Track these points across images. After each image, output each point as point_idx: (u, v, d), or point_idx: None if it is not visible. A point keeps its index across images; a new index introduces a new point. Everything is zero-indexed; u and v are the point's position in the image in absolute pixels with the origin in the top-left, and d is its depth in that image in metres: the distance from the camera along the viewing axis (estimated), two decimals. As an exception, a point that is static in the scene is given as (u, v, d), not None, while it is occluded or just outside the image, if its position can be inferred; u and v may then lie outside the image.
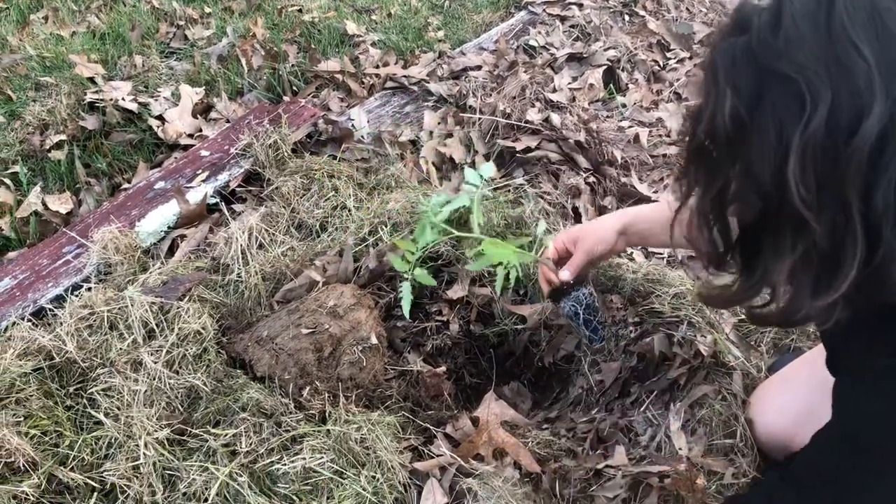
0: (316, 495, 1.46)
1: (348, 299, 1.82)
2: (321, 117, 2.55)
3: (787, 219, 0.86)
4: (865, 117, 0.78)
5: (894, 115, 0.78)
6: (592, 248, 1.66)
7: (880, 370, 0.99)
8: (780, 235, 0.89)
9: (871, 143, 0.79)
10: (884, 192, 0.81)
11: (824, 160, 0.81)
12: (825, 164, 0.81)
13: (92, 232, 2.12)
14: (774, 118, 0.83)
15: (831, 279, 0.87)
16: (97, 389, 1.65)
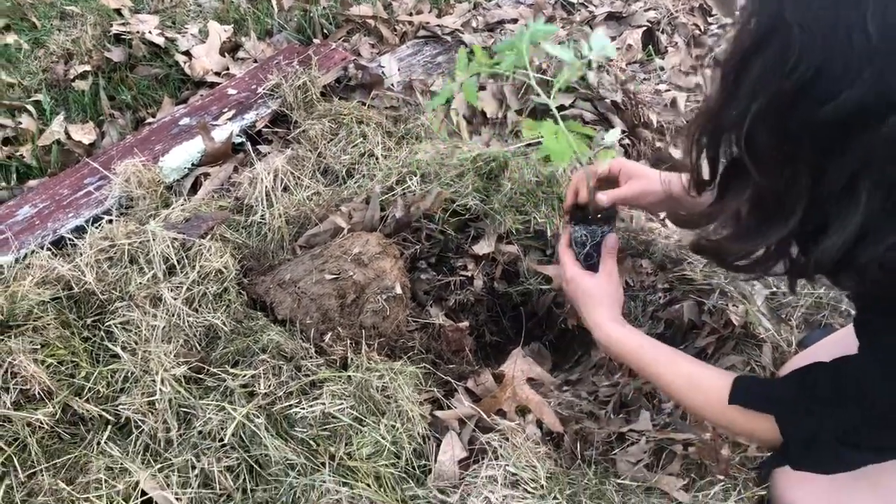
0: (334, 441, 1.44)
1: (373, 247, 1.77)
2: (352, 62, 2.49)
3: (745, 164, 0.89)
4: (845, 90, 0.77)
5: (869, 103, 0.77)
6: (642, 193, 1.58)
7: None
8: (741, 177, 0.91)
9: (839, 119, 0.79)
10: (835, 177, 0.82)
11: (786, 118, 0.82)
12: (786, 123, 0.83)
13: (115, 164, 2.09)
14: (764, 60, 0.83)
15: (763, 231, 0.91)
16: (115, 322, 1.63)
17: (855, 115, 0.78)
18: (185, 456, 1.47)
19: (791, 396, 1.18)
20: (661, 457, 1.51)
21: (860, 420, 1.08)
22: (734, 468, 1.50)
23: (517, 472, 1.37)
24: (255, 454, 1.46)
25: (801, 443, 1.18)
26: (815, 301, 1.86)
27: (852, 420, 1.09)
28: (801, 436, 1.18)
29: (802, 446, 1.18)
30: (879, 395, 1.05)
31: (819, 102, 0.79)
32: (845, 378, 1.10)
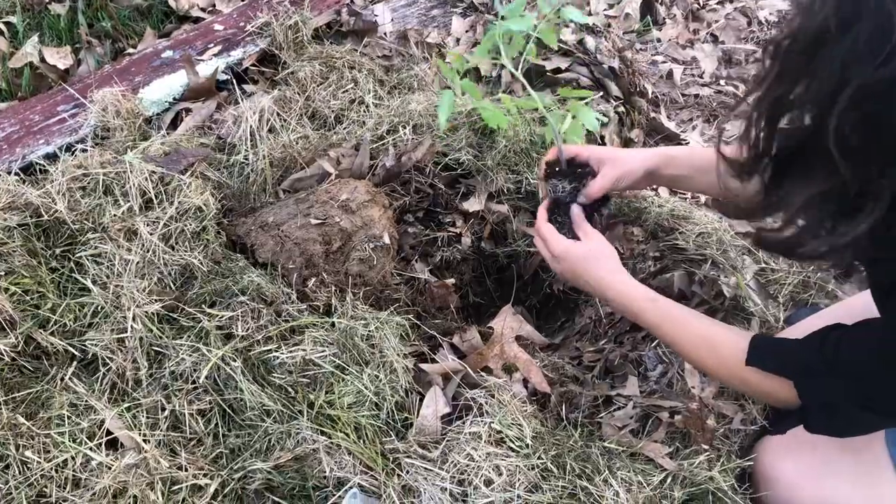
0: (313, 389, 1.38)
1: (362, 195, 1.71)
2: (345, 6, 2.40)
3: (826, 151, 0.82)
4: None
5: None
6: (618, 178, 1.56)
7: None
8: (814, 164, 0.86)
9: None
10: None
11: (879, 110, 0.77)
12: (878, 115, 0.78)
13: (91, 93, 1.98)
14: (853, 45, 0.77)
15: (843, 225, 0.86)
16: (86, 254, 1.55)
17: None
18: (154, 397, 1.41)
19: (810, 360, 1.16)
20: (647, 423, 1.48)
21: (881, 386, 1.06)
22: (718, 439, 1.48)
23: (502, 430, 1.33)
24: (229, 398, 1.40)
25: (821, 408, 1.18)
26: (802, 280, 1.84)
27: (873, 386, 1.07)
28: (821, 401, 1.17)
29: (822, 412, 1.17)
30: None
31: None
32: (866, 343, 1.08)
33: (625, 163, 1.56)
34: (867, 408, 1.10)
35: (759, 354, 1.22)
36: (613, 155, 1.59)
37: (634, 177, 1.57)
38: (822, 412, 1.18)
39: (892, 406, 1.09)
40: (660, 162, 1.57)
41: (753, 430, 1.54)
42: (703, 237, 1.84)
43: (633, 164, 1.56)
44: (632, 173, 1.56)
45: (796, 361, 1.19)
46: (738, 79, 2.68)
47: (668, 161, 1.58)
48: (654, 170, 1.58)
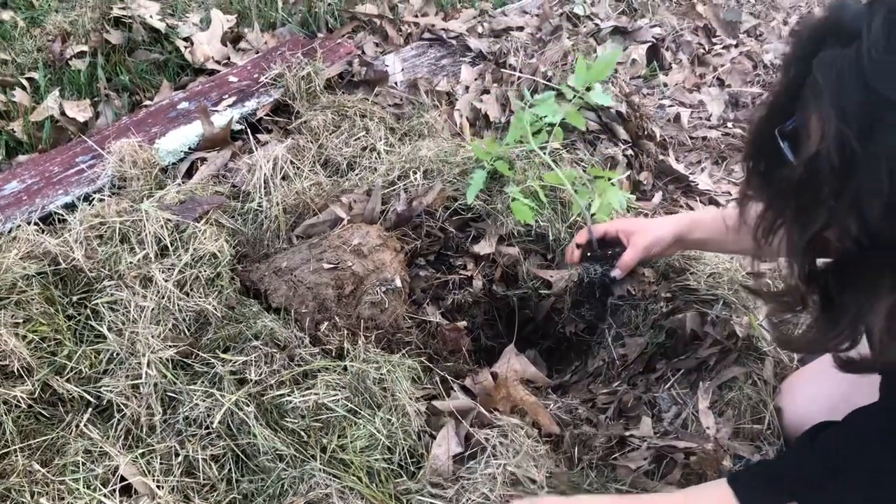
0: (326, 433, 1.38)
1: (374, 239, 1.73)
2: (357, 56, 2.45)
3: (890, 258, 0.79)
4: None
5: None
6: (649, 247, 1.62)
7: None
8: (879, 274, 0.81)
9: None
10: None
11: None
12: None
13: (109, 144, 2.03)
14: (888, 150, 0.74)
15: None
16: (102, 301, 1.57)
17: None
18: (168, 442, 1.41)
19: (808, 470, 1.12)
20: (662, 465, 1.47)
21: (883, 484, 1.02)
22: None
23: (516, 471, 1.32)
24: (242, 443, 1.40)
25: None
26: (816, 319, 1.83)
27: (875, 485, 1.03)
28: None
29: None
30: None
31: None
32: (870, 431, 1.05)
33: (653, 231, 1.62)
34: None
35: (749, 491, 1.16)
36: (641, 225, 1.65)
37: (664, 243, 1.62)
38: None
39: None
40: (686, 226, 1.62)
41: (770, 472, 1.53)
42: (715, 277, 1.85)
43: (662, 231, 1.61)
44: (661, 240, 1.61)
45: (793, 477, 1.13)
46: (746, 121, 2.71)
47: (696, 224, 1.62)
48: (683, 234, 1.62)
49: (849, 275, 0.87)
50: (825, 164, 0.77)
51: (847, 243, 0.82)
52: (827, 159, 0.77)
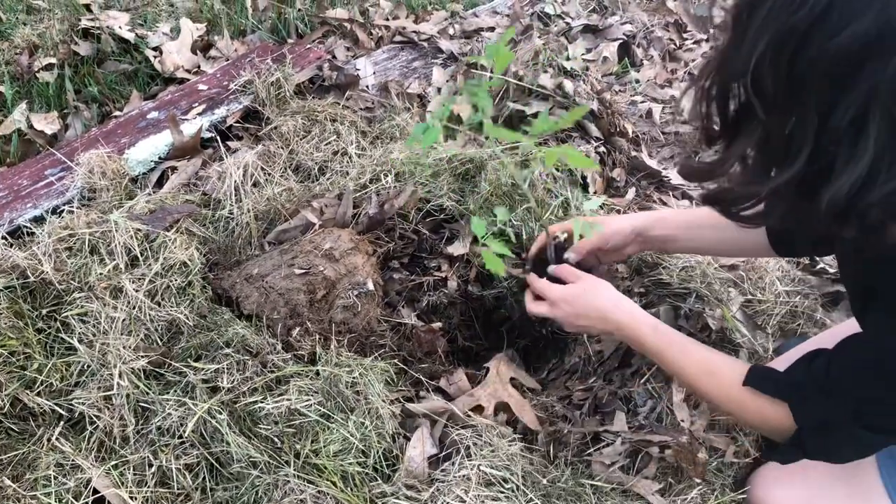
0: (299, 438, 1.38)
1: (345, 243, 1.72)
2: (327, 61, 2.45)
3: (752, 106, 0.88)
4: (853, 23, 0.76)
5: (877, 34, 0.76)
6: (607, 237, 1.61)
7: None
8: (750, 120, 0.90)
9: (846, 54, 0.78)
10: (842, 114, 0.80)
11: (795, 55, 0.81)
12: (794, 60, 0.82)
13: (78, 155, 2.01)
14: (773, 4, 0.82)
15: (766, 173, 0.90)
16: (72, 314, 1.55)
17: (863, 48, 0.77)
18: (141, 453, 1.40)
19: (800, 384, 1.17)
20: (637, 459, 1.47)
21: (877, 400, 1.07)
22: (710, 473, 1.47)
23: (491, 472, 1.32)
24: (216, 451, 1.39)
25: (816, 428, 1.16)
26: (790, 310, 1.85)
27: (869, 401, 1.08)
28: (816, 420, 1.16)
29: (818, 432, 1.16)
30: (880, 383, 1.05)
31: (828, 37, 0.78)
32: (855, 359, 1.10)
33: (613, 223, 1.61)
34: (865, 426, 1.09)
35: (757, 377, 1.24)
36: (606, 217, 1.64)
37: (623, 235, 1.61)
38: (818, 434, 1.16)
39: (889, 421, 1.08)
40: (648, 222, 1.62)
41: (747, 463, 1.53)
42: (687, 271, 1.86)
43: (622, 224, 1.61)
44: (620, 231, 1.61)
45: (791, 385, 1.20)
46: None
47: (657, 222, 1.62)
48: (643, 230, 1.62)
49: (738, 120, 0.93)
50: (732, 6, 0.89)
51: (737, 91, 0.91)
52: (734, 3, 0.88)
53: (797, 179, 0.87)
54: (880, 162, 0.81)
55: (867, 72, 0.78)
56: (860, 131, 0.80)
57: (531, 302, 1.58)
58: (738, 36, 0.88)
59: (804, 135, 0.84)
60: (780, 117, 0.86)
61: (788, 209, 0.93)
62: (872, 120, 0.79)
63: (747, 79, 0.86)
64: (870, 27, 0.76)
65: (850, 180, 0.82)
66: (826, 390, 1.12)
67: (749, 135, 0.91)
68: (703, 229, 1.56)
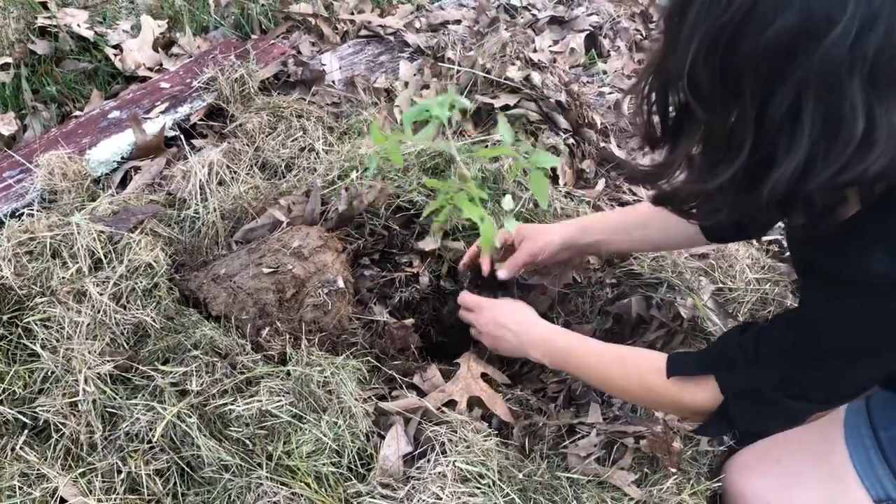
0: (271, 440, 1.35)
1: (314, 241, 1.70)
2: (291, 56, 2.42)
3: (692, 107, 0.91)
4: (779, 17, 0.79)
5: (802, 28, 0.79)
6: (535, 253, 1.65)
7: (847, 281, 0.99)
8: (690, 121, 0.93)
9: (775, 48, 0.81)
10: (777, 106, 0.83)
11: (726, 52, 0.84)
12: (726, 57, 0.84)
13: (37, 157, 1.96)
14: (702, 5, 0.84)
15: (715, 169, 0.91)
16: (34, 319, 1.51)
17: (790, 41, 0.80)
18: (109, 460, 1.37)
19: (731, 353, 1.19)
20: (612, 450, 1.47)
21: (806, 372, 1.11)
22: (686, 462, 1.47)
23: (467, 468, 1.31)
24: (186, 456, 1.37)
25: (742, 397, 1.19)
26: (761, 297, 1.86)
27: (798, 373, 1.11)
28: (742, 389, 1.19)
29: (744, 401, 1.19)
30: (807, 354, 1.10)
31: (756, 32, 0.81)
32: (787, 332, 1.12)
33: (542, 236, 1.65)
34: (795, 395, 1.14)
35: (678, 363, 1.26)
36: (533, 231, 1.69)
37: (551, 247, 1.65)
38: (744, 403, 1.19)
39: (819, 392, 1.14)
40: (575, 231, 1.66)
41: (722, 451, 1.54)
42: (658, 261, 1.86)
43: (550, 237, 1.65)
44: (549, 245, 1.64)
45: (717, 356, 1.23)
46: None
47: (583, 229, 1.67)
48: (570, 240, 1.66)
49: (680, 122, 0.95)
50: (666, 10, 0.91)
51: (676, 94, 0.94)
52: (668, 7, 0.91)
53: (741, 173, 0.89)
54: (817, 149, 0.83)
55: (797, 63, 0.80)
56: (796, 121, 0.83)
57: (462, 309, 1.68)
58: (671, 39, 0.91)
59: (744, 129, 0.87)
60: (719, 115, 0.89)
61: (735, 202, 0.95)
62: (806, 109, 0.82)
63: (684, 81, 0.89)
64: (795, 20, 0.79)
65: (789, 169, 0.85)
66: (753, 360, 1.15)
67: (691, 135, 0.94)
68: (630, 230, 1.63)
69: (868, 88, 0.80)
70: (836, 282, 1.02)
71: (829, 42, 0.78)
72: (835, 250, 1.00)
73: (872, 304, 0.97)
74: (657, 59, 0.95)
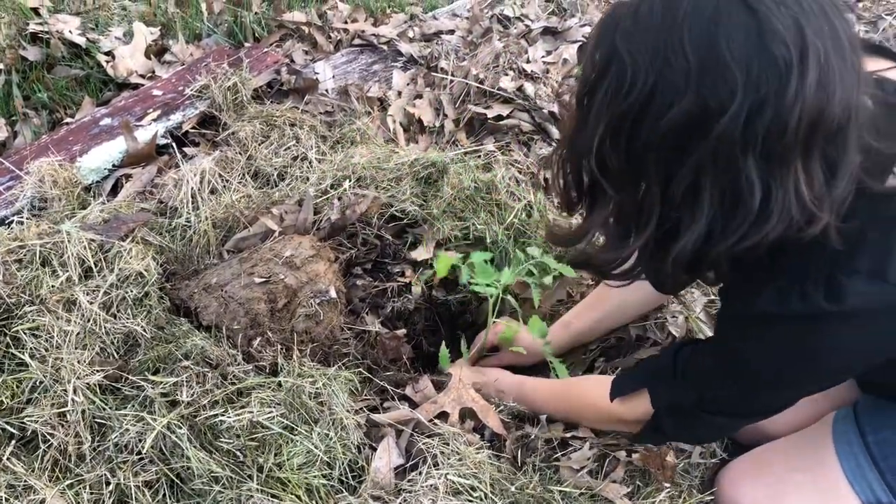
0: (262, 451, 1.34)
1: (306, 250, 1.69)
2: (284, 64, 2.41)
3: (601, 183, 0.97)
4: (675, 106, 0.84)
5: (695, 115, 0.84)
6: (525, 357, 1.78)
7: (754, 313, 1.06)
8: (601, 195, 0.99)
9: (673, 133, 0.86)
10: (679, 184, 0.88)
11: (630, 137, 0.89)
12: (630, 141, 0.90)
13: (27, 164, 1.95)
14: (605, 92, 0.90)
15: (626, 239, 0.99)
16: (23, 328, 1.50)
17: (685, 128, 0.85)
18: (98, 471, 1.36)
19: (663, 366, 1.29)
20: (605, 463, 1.47)
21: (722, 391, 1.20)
22: (678, 474, 1.47)
23: (459, 480, 1.31)
24: (176, 467, 1.35)
25: (668, 409, 1.29)
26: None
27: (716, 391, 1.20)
28: (667, 402, 1.29)
29: (671, 413, 1.28)
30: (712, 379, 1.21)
31: (655, 119, 0.86)
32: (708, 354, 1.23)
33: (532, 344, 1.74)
34: (713, 412, 1.22)
35: (618, 384, 1.38)
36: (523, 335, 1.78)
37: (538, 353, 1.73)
38: (671, 415, 1.28)
39: (736, 409, 1.22)
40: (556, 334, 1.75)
41: (714, 463, 1.54)
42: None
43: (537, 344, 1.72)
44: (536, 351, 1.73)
45: (650, 369, 1.36)
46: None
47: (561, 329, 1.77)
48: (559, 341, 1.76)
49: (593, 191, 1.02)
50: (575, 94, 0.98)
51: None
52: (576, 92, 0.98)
53: (651, 242, 0.96)
54: (716, 223, 0.89)
55: (693, 146, 0.86)
56: (696, 197, 0.88)
57: None
58: (581, 118, 0.96)
59: (651, 203, 0.93)
60: (627, 190, 0.95)
61: (647, 266, 1.04)
62: (705, 186, 0.88)
63: (592, 159, 0.95)
64: (690, 107, 0.84)
65: (691, 240, 0.91)
66: (678, 376, 1.25)
67: (603, 205, 1.00)
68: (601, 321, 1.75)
69: (762, 165, 0.85)
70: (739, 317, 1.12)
71: (722, 126, 0.83)
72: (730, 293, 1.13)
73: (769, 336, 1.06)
74: (570, 133, 1.01)
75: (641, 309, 1.77)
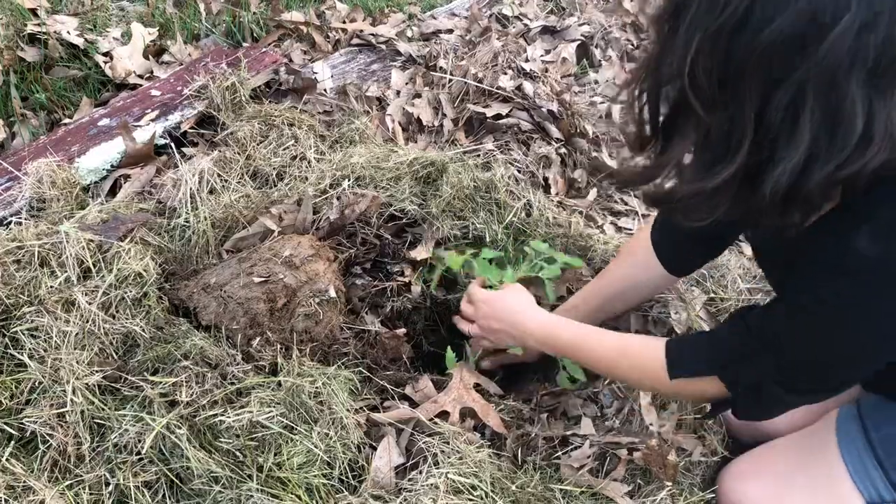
0: (262, 451, 1.34)
1: (306, 250, 1.69)
2: (283, 64, 2.41)
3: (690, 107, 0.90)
4: (778, 17, 0.79)
5: (802, 28, 0.79)
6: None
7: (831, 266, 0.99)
8: (687, 120, 0.93)
9: (774, 48, 0.81)
10: (777, 105, 0.83)
11: (726, 52, 0.84)
12: (726, 57, 0.84)
13: (26, 165, 1.94)
14: (698, 6, 0.85)
15: (713, 169, 0.91)
16: (22, 329, 1.49)
17: (790, 41, 0.80)
18: (97, 471, 1.35)
19: (733, 344, 1.18)
20: (606, 462, 1.46)
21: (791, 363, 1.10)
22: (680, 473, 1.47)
23: (459, 479, 1.30)
24: (175, 467, 1.35)
25: (748, 392, 1.18)
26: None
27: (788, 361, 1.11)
28: (746, 384, 1.18)
29: (750, 395, 1.18)
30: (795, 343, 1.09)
31: (755, 33, 0.81)
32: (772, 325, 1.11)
33: None
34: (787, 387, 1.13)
35: (678, 363, 1.26)
36: None
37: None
38: (752, 396, 1.19)
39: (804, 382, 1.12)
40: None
41: (714, 462, 1.54)
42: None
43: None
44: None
45: (718, 352, 1.21)
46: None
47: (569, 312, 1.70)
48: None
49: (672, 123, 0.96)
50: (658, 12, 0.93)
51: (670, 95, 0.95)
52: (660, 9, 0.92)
53: (741, 172, 0.89)
54: (817, 147, 0.83)
55: (797, 62, 0.80)
56: (796, 119, 0.83)
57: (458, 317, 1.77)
58: (666, 42, 0.91)
59: (743, 128, 0.87)
60: (718, 114, 0.89)
61: (733, 202, 0.94)
62: (806, 108, 0.82)
63: (684, 80, 0.89)
64: (794, 20, 0.79)
65: (789, 167, 0.85)
66: (762, 343, 1.13)
67: (685, 135, 0.94)
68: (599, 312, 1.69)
69: (868, 85, 0.80)
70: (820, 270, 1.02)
71: (831, 41, 0.78)
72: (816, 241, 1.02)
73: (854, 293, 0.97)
74: (651, 61, 0.95)
75: (653, 291, 1.71)
